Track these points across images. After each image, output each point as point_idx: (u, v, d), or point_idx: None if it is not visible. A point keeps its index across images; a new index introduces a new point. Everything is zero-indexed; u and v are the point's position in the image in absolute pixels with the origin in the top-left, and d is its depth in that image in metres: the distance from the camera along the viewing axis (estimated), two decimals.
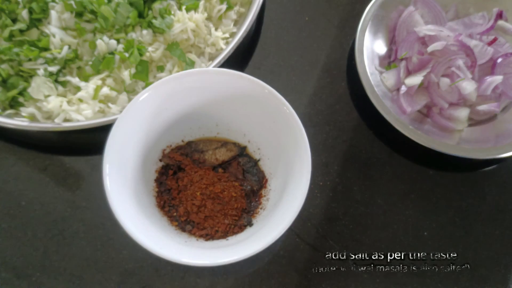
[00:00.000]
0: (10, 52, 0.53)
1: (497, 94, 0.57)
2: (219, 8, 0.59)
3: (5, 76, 0.53)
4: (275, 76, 0.61)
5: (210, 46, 0.59)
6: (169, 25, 0.56)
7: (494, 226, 0.54)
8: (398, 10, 0.60)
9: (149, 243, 0.38)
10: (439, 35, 0.56)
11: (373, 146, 0.57)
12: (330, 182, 0.55)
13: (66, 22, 0.55)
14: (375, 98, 0.54)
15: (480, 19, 0.59)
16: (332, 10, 0.67)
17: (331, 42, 0.64)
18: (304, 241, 0.52)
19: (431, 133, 0.54)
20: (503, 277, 0.51)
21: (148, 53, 0.55)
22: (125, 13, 0.55)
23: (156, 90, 0.44)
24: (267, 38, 0.64)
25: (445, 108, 0.55)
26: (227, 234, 0.46)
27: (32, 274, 0.50)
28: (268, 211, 0.46)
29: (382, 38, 0.60)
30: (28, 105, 0.54)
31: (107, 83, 0.55)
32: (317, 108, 0.60)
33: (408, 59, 0.57)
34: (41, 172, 0.55)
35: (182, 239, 0.45)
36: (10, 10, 0.55)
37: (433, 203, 0.55)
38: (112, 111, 0.54)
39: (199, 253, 0.42)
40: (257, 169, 0.50)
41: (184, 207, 0.47)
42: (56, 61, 0.54)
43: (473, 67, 0.55)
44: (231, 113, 0.49)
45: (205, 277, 0.50)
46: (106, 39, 0.54)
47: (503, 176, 0.57)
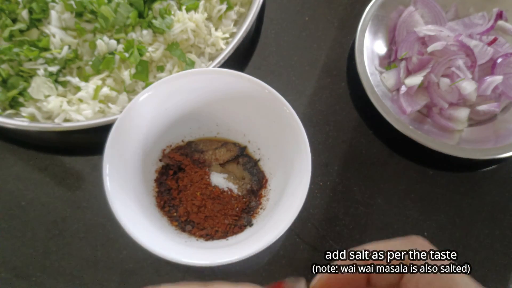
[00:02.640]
0: (10, 52, 0.53)
1: (497, 94, 0.57)
2: (219, 8, 0.59)
3: (5, 76, 0.53)
4: (275, 76, 0.61)
5: (210, 46, 0.59)
6: (169, 25, 0.56)
7: (494, 226, 0.54)
8: (398, 10, 0.60)
9: (149, 243, 0.38)
10: (439, 35, 0.56)
11: (373, 146, 0.57)
12: (330, 182, 0.55)
13: (66, 22, 0.55)
14: (375, 98, 0.54)
15: (480, 19, 0.59)
16: (332, 10, 0.67)
17: (331, 42, 0.64)
18: (304, 241, 0.52)
19: (431, 133, 0.54)
20: (503, 277, 0.51)
21: (148, 53, 0.55)
22: (125, 13, 0.55)
23: (156, 90, 0.45)
24: (267, 38, 0.64)
25: (445, 108, 0.55)
26: (227, 234, 0.46)
27: (32, 274, 0.50)
28: (268, 211, 0.46)
29: (382, 38, 0.60)
30: (28, 105, 0.54)
31: (107, 83, 0.55)
32: (317, 108, 0.60)
33: (408, 59, 0.57)
34: (41, 172, 0.55)
35: (182, 239, 0.45)
36: (10, 10, 0.55)
37: (433, 203, 0.55)
38: (112, 111, 0.54)
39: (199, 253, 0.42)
40: (257, 169, 0.50)
41: (184, 207, 0.47)
42: (56, 61, 0.54)
43: (473, 67, 0.55)
44: (231, 113, 0.49)
45: (205, 277, 0.50)
46: (106, 39, 0.54)
47: (503, 176, 0.57)
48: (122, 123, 0.43)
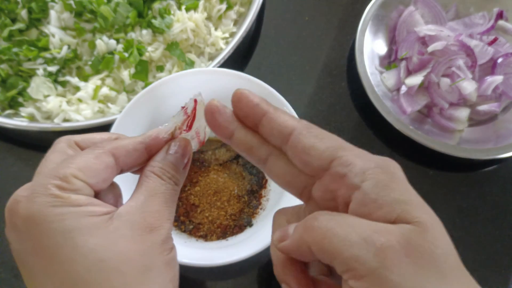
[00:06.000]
0: (9, 52, 0.53)
1: (497, 94, 0.56)
2: (219, 8, 0.59)
3: (5, 76, 0.53)
4: (275, 76, 0.61)
5: (210, 46, 0.58)
6: (169, 25, 0.56)
7: (494, 226, 0.54)
8: (398, 10, 0.60)
9: None
10: (440, 35, 0.56)
11: (373, 146, 0.57)
12: None
13: (65, 22, 0.55)
14: (375, 98, 0.54)
15: (481, 19, 0.59)
16: (332, 10, 0.67)
17: (331, 42, 0.64)
18: None
19: (431, 133, 0.54)
20: (503, 277, 0.51)
21: (148, 53, 0.55)
22: (124, 13, 0.55)
23: (155, 90, 0.44)
24: (267, 38, 0.64)
25: (445, 108, 0.55)
26: (226, 234, 0.46)
27: None
28: (268, 211, 0.46)
29: (382, 38, 0.60)
30: (27, 105, 0.54)
31: (107, 83, 0.54)
32: (317, 108, 0.60)
33: (408, 59, 0.57)
34: None
35: (182, 239, 0.45)
36: (10, 10, 0.55)
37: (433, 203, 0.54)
38: (112, 111, 0.53)
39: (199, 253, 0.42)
40: (257, 169, 0.50)
41: (184, 207, 0.47)
42: (55, 61, 0.54)
43: (474, 67, 0.55)
44: None
45: (205, 277, 0.50)
46: (105, 39, 0.54)
47: (503, 176, 0.57)
48: (121, 123, 0.43)
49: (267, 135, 0.24)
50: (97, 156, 0.25)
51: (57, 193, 0.23)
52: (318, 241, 0.21)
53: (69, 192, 0.23)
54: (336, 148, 0.23)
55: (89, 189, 0.24)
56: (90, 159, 0.25)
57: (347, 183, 0.22)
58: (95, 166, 0.25)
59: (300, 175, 0.24)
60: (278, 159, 0.24)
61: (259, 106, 0.25)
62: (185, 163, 0.28)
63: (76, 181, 0.24)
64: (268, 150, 0.25)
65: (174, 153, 0.27)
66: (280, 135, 0.23)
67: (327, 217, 0.21)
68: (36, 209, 0.23)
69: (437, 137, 0.53)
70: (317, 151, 0.22)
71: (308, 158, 0.23)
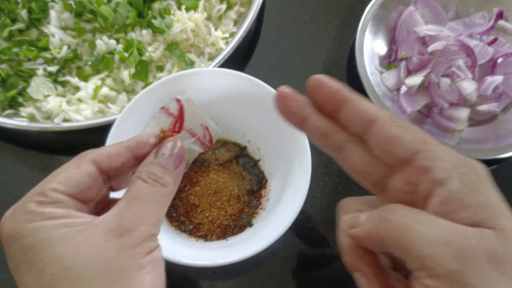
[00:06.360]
0: (9, 52, 0.53)
1: (497, 94, 0.56)
2: (219, 8, 0.59)
3: (5, 76, 0.53)
4: (275, 76, 0.61)
5: (210, 46, 0.58)
6: (169, 25, 0.56)
7: None
8: (398, 10, 0.60)
9: None
10: (439, 35, 0.56)
11: None
12: (330, 182, 0.55)
13: (65, 22, 0.55)
14: (375, 98, 0.54)
15: (481, 19, 0.59)
16: (332, 10, 0.67)
17: (331, 42, 0.64)
18: (304, 241, 0.52)
19: (431, 133, 0.54)
20: None
21: (148, 53, 0.55)
22: (124, 13, 0.55)
23: (155, 90, 0.44)
24: (267, 38, 0.64)
25: (445, 108, 0.55)
26: (226, 234, 0.46)
27: None
28: (268, 211, 0.46)
29: (382, 38, 0.60)
30: (27, 105, 0.54)
31: (107, 83, 0.54)
32: None
33: (408, 59, 0.57)
34: (40, 172, 0.55)
35: (182, 240, 0.45)
36: (10, 10, 0.55)
37: None
38: (112, 111, 0.53)
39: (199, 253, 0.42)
40: (257, 169, 0.50)
41: (184, 207, 0.47)
42: (55, 61, 0.54)
43: (474, 67, 0.55)
44: (231, 113, 0.49)
45: (205, 277, 0.50)
46: (105, 39, 0.54)
47: (503, 176, 0.57)
48: (121, 123, 0.43)
49: (348, 122, 0.24)
50: (77, 166, 0.26)
51: (33, 209, 0.23)
52: (393, 234, 0.21)
53: (47, 205, 0.24)
54: (422, 141, 0.22)
55: (71, 201, 0.25)
56: (70, 170, 0.25)
57: (432, 178, 0.21)
58: (76, 176, 0.25)
59: (378, 165, 0.23)
60: (356, 147, 0.24)
61: (341, 92, 0.24)
62: (177, 164, 0.28)
63: (55, 194, 0.24)
64: (344, 137, 0.24)
65: (161, 154, 0.27)
66: (362, 122, 0.23)
67: (404, 212, 0.21)
68: (13, 227, 0.23)
69: (437, 137, 0.53)
70: (402, 141, 0.22)
71: (392, 148, 0.22)
